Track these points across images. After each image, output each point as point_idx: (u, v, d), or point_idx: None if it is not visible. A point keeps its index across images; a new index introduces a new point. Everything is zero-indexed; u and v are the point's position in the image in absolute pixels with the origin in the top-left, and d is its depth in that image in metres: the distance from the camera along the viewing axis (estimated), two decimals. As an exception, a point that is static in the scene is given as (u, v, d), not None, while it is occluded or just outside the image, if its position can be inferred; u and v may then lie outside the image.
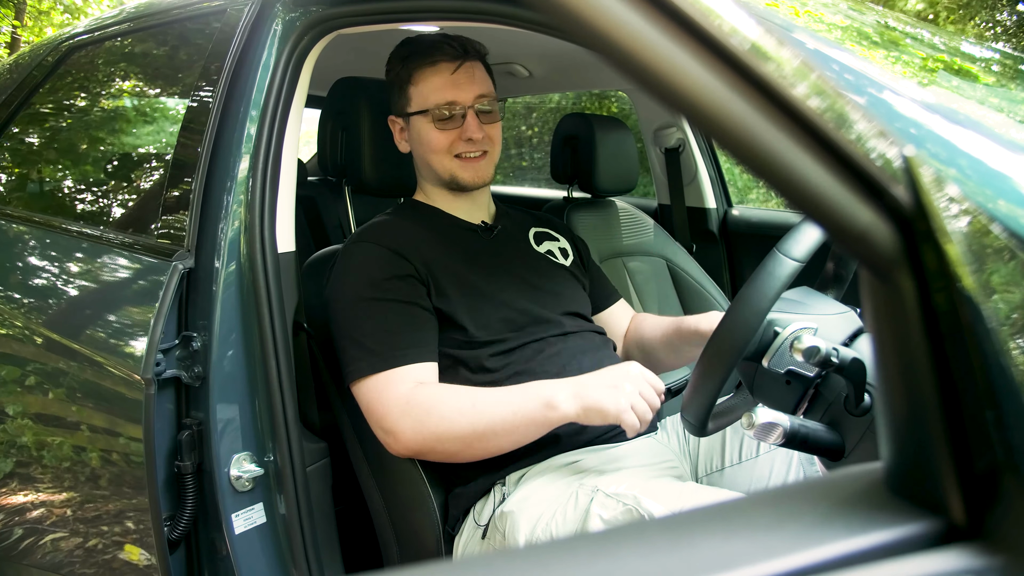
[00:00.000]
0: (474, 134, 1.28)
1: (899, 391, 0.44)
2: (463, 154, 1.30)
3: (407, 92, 1.32)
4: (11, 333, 1.43)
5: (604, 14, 0.38)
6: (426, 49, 1.30)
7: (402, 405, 1.13)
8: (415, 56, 1.31)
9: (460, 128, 1.28)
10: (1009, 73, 1.10)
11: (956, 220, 0.43)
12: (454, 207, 1.37)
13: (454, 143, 1.29)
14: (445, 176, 1.32)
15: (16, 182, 1.78)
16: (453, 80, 1.28)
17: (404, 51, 1.32)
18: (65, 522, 1.29)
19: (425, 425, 1.11)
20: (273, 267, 1.14)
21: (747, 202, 2.64)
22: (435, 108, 1.28)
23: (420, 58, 1.30)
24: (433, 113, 1.28)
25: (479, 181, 1.33)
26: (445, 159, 1.31)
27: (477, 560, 0.42)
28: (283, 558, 1.14)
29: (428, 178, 1.37)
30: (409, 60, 1.31)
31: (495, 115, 1.32)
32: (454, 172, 1.31)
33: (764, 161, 0.41)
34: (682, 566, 0.39)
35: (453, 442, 1.12)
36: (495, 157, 1.35)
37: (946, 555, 0.40)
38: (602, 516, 1.04)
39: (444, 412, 1.11)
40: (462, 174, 1.31)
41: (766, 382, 0.89)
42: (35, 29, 9.39)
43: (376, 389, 1.15)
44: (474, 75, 1.30)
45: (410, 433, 1.12)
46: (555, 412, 1.08)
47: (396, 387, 1.14)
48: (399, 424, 1.12)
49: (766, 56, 0.40)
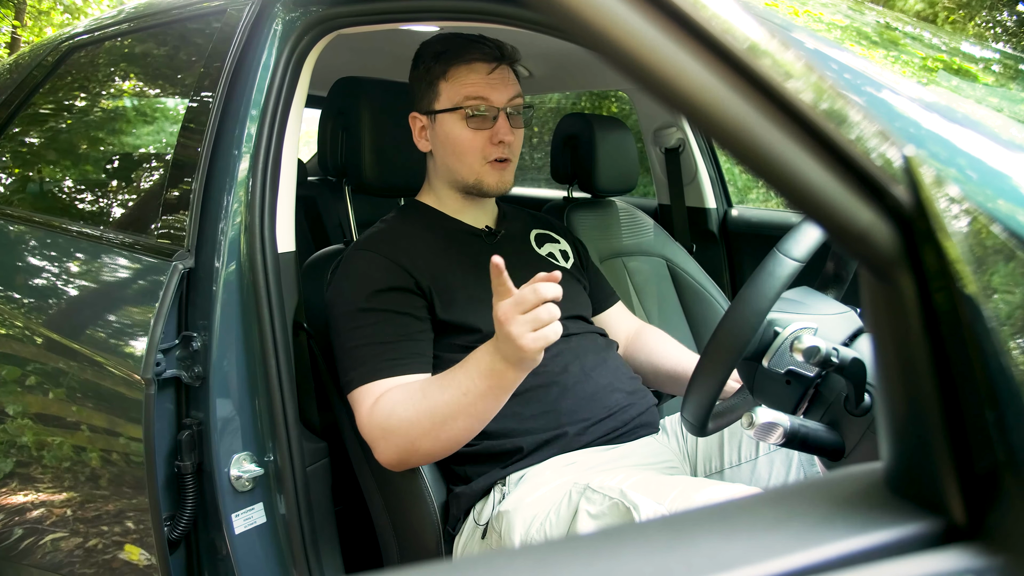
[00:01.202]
0: (506, 136, 1.26)
1: (899, 391, 0.44)
2: (492, 158, 1.27)
3: (437, 88, 1.28)
4: (11, 333, 1.43)
5: (604, 14, 0.38)
6: (462, 46, 1.27)
7: (371, 419, 1.13)
8: (450, 53, 1.27)
9: (491, 130, 1.26)
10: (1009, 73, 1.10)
11: (956, 220, 0.43)
12: (462, 212, 1.36)
13: (484, 147, 1.27)
14: (470, 180, 1.29)
15: (16, 182, 1.78)
16: (488, 80, 1.26)
17: (438, 47, 1.29)
18: (65, 522, 1.30)
19: (392, 432, 1.11)
20: (273, 267, 1.14)
21: (747, 202, 2.64)
22: (468, 105, 1.25)
23: (456, 55, 1.27)
24: (465, 110, 1.26)
25: (503, 188, 1.30)
26: (475, 163, 1.28)
27: (477, 560, 0.42)
28: (283, 558, 1.14)
29: (445, 181, 1.34)
30: (443, 56, 1.28)
31: (521, 122, 1.31)
32: (481, 177, 1.28)
33: (764, 161, 0.41)
34: (682, 566, 0.39)
35: (422, 439, 1.10)
36: (515, 163, 1.32)
37: (946, 555, 0.40)
38: (589, 511, 1.04)
39: (401, 413, 1.10)
40: (488, 179, 1.28)
41: (766, 382, 0.89)
42: (35, 29, 9.39)
43: (359, 402, 1.15)
44: (508, 78, 1.29)
45: (383, 444, 1.12)
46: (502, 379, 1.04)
47: (369, 402, 1.14)
48: (373, 438, 1.13)
49: (766, 56, 0.40)
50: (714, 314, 1.87)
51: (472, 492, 1.20)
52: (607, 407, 1.25)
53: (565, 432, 1.20)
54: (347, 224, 1.64)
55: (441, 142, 1.30)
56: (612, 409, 1.25)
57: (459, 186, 1.32)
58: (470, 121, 1.26)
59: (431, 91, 1.29)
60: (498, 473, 1.19)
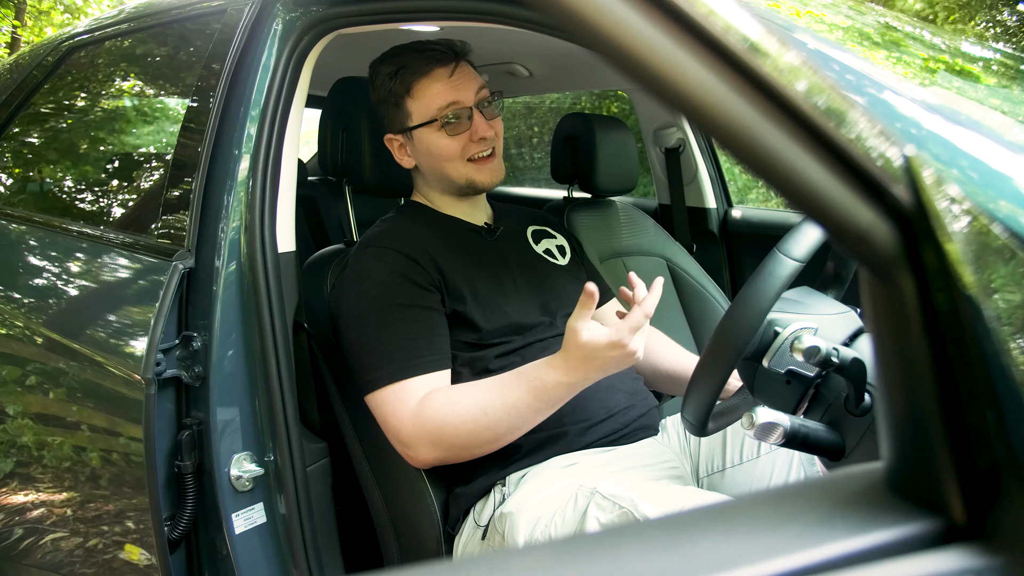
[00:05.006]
0: (485, 132, 1.27)
1: (899, 391, 0.44)
2: (476, 156, 1.28)
3: (404, 107, 1.29)
4: (11, 333, 1.43)
5: (604, 14, 0.38)
6: (416, 60, 1.27)
7: (415, 419, 1.12)
8: (406, 69, 1.28)
9: (469, 130, 1.27)
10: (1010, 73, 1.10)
11: (957, 220, 0.43)
12: (458, 210, 1.36)
13: (466, 147, 1.27)
14: (462, 182, 1.30)
15: (16, 182, 1.78)
16: (452, 83, 1.27)
17: (391, 67, 1.29)
18: (65, 522, 1.30)
19: (442, 439, 1.12)
20: (273, 267, 1.13)
21: (747, 202, 2.64)
22: (441, 115, 1.26)
23: (413, 70, 1.27)
24: (441, 120, 1.26)
25: (496, 180, 1.31)
26: (460, 165, 1.28)
27: (477, 560, 0.42)
28: (283, 558, 1.14)
29: (437, 188, 1.35)
30: (401, 74, 1.28)
31: (495, 111, 1.31)
32: (471, 176, 1.29)
33: (764, 161, 0.41)
34: (682, 566, 0.39)
35: (477, 447, 1.14)
36: (501, 153, 1.33)
37: (946, 555, 0.40)
38: (599, 519, 1.04)
39: (458, 425, 1.11)
40: (479, 177, 1.29)
41: (766, 382, 0.89)
42: (35, 29, 9.39)
43: (391, 402, 1.14)
44: (469, 74, 1.29)
45: (428, 448, 1.13)
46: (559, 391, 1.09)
47: (409, 400, 1.14)
48: (415, 440, 1.13)
49: (766, 56, 0.40)
50: (714, 314, 1.87)
51: (472, 492, 1.20)
52: (607, 408, 1.25)
53: (566, 432, 1.20)
54: (347, 224, 1.64)
55: (424, 155, 1.31)
56: (612, 410, 1.25)
57: (452, 190, 1.33)
58: (447, 129, 1.26)
59: (399, 111, 1.30)
60: (498, 473, 1.19)
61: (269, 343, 1.11)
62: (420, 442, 1.12)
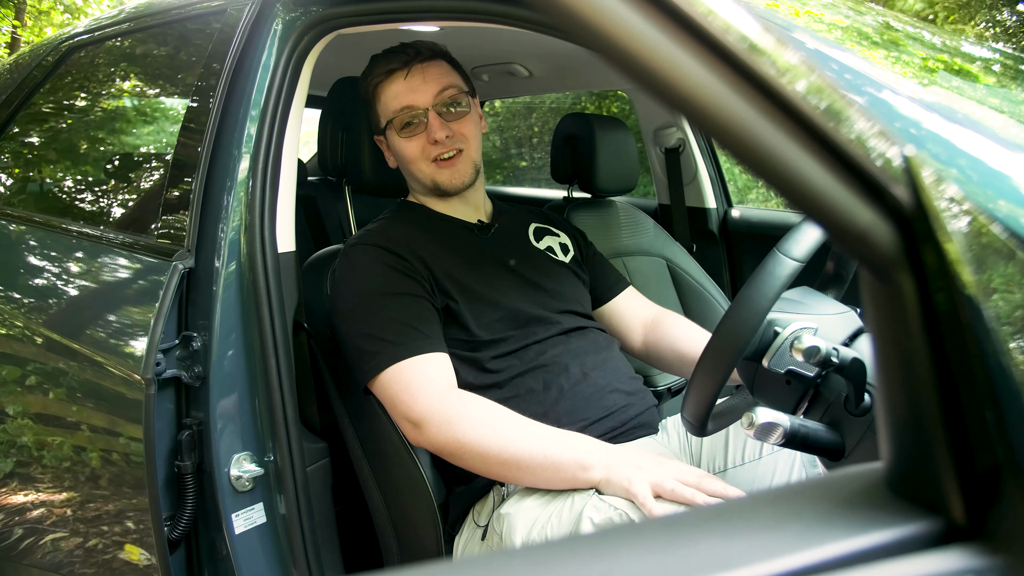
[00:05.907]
0: (437, 134, 1.27)
1: (899, 391, 0.44)
2: (437, 157, 1.30)
3: (376, 109, 1.34)
4: (11, 333, 1.43)
5: (604, 14, 0.38)
6: (379, 62, 1.32)
7: (435, 396, 1.11)
8: (372, 73, 1.32)
9: (426, 132, 1.29)
10: (1009, 73, 1.10)
11: (956, 220, 0.43)
12: (449, 208, 1.38)
13: (425, 148, 1.29)
14: (428, 183, 1.33)
15: (16, 182, 1.78)
16: (407, 85, 1.29)
17: (366, 69, 1.34)
18: (65, 522, 1.29)
19: (453, 428, 1.10)
20: (273, 267, 1.13)
21: (747, 202, 2.64)
22: (395, 117, 1.29)
23: (375, 73, 1.32)
24: (395, 123, 1.30)
25: (457, 181, 1.32)
26: (423, 166, 1.31)
27: (477, 560, 0.42)
28: (283, 558, 1.14)
29: (415, 187, 1.39)
30: (368, 77, 1.33)
31: (463, 110, 1.31)
32: (434, 177, 1.32)
33: (764, 161, 0.41)
34: (681, 566, 0.39)
35: (474, 457, 1.09)
36: (472, 153, 1.33)
37: (946, 555, 0.40)
38: (593, 519, 1.04)
39: (477, 425, 1.09)
40: (440, 178, 1.31)
41: (766, 382, 0.89)
42: (35, 29, 9.39)
43: (401, 380, 1.13)
44: (427, 75, 1.29)
45: (435, 430, 1.10)
46: (584, 474, 1.05)
47: (425, 376, 1.13)
48: (428, 415, 1.11)
49: (766, 56, 0.40)
50: (714, 314, 1.87)
51: (472, 492, 1.20)
52: (605, 407, 1.25)
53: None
54: (347, 224, 1.65)
55: (396, 156, 1.36)
56: (610, 409, 1.25)
57: (426, 189, 1.36)
58: (403, 131, 1.30)
59: (374, 113, 1.35)
60: (498, 473, 1.19)
61: (269, 343, 1.11)
62: (432, 420, 1.10)
